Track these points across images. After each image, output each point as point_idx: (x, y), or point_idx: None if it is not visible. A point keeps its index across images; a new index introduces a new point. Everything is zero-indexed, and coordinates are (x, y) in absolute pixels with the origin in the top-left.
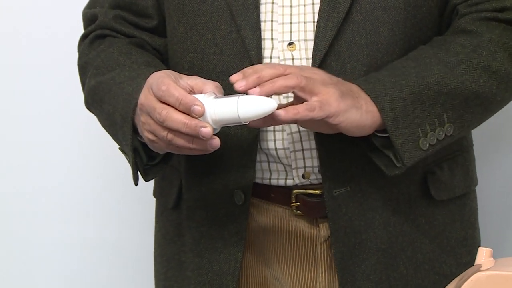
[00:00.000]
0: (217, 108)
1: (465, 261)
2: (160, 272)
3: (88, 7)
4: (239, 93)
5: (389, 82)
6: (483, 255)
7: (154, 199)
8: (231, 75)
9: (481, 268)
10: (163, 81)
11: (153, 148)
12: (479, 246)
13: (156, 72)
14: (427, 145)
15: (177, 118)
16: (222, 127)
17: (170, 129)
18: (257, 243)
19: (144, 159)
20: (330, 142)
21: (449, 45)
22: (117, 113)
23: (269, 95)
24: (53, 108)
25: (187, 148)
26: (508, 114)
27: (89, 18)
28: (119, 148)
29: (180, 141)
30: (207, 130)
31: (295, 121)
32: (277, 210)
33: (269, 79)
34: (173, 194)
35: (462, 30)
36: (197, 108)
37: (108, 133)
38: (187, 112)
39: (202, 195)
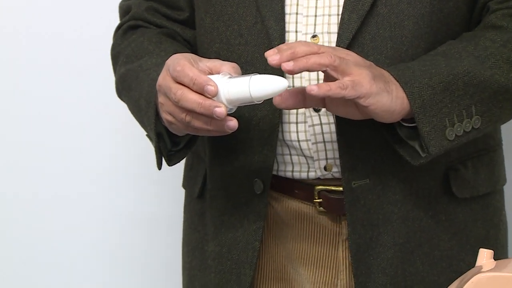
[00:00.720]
0: (230, 87)
1: None
2: (186, 261)
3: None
4: (273, 67)
5: (418, 70)
6: (483, 256)
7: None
8: (254, 65)
9: (482, 270)
10: (179, 62)
11: (172, 130)
12: (503, 246)
13: (175, 54)
14: (453, 135)
15: (191, 98)
16: (241, 108)
17: (187, 110)
18: (281, 238)
19: (168, 144)
20: (351, 133)
21: (478, 39)
22: (142, 99)
23: (301, 71)
24: (66, 109)
25: (205, 130)
26: None
27: (124, 9)
28: (146, 135)
29: (197, 123)
30: (221, 110)
31: (326, 97)
32: (301, 206)
33: (303, 56)
34: (198, 183)
35: (492, 25)
36: (210, 88)
37: (137, 120)
38: (201, 92)
39: (224, 184)
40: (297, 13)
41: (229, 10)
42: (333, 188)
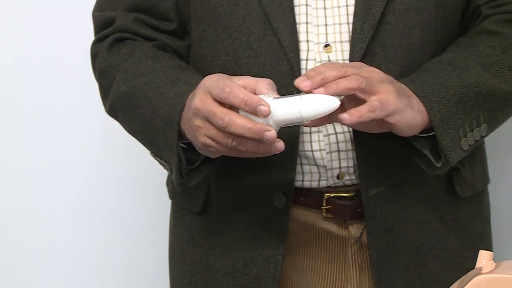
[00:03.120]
0: (278, 108)
1: None
2: (183, 276)
3: (99, 9)
4: (303, 93)
5: (435, 84)
6: (483, 258)
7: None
8: (267, 77)
9: (482, 271)
10: (225, 83)
11: (205, 153)
12: (491, 241)
13: (210, 76)
14: (467, 145)
15: (240, 123)
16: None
17: (234, 135)
18: (287, 248)
19: (184, 163)
20: (367, 142)
21: (478, 46)
22: (158, 118)
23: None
24: (58, 107)
25: (251, 153)
26: None
27: (103, 21)
28: (150, 153)
29: (245, 147)
30: (271, 133)
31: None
32: (306, 213)
33: (332, 81)
34: (200, 198)
35: (487, 31)
36: (263, 108)
37: (139, 138)
38: (253, 112)
39: (236, 198)
40: (307, 23)
41: (235, 22)
42: (343, 194)
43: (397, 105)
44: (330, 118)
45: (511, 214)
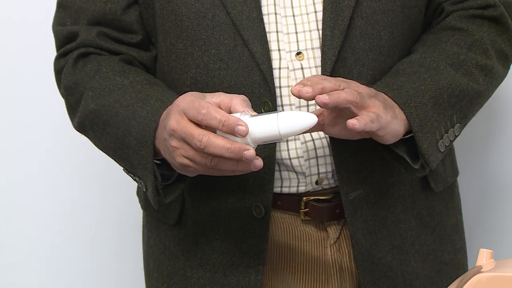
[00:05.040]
0: (256, 126)
1: (459, 247)
2: (159, 287)
3: (59, 23)
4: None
5: (411, 89)
6: (483, 256)
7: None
8: (239, 89)
9: (482, 270)
10: (201, 104)
11: (183, 172)
12: (464, 231)
13: (183, 96)
14: (444, 146)
15: (219, 144)
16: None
17: (213, 155)
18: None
19: (159, 180)
20: (344, 147)
21: (445, 45)
22: (131, 137)
23: (332, 106)
24: (38, 112)
25: (230, 171)
26: None
27: (65, 35)
28: (124, 169)
29: (224, 166)
30: (250, 152)
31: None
32: (284, 216)
33: (330, 92)
34: (175, 209)
35: (452, 27)
36: (241, 128)
37: (110, 155)
38: (231, 132)
39: (212, 210)
40: (277, 31)
41: (203, 34)
42: (321, 197)
43: (386, 118)
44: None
45: (478, 204)
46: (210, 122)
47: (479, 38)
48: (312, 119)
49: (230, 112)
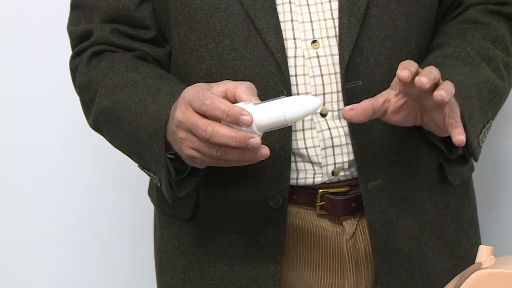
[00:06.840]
0: (260, 113)
1: (474, 242)
2: (174, 285)
3: (74, 23)
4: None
5: (459, 81)
6: (483, 253)
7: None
8: (253, 79)
9: (482, 266)
10: (205, 95)
11: (192, 164)
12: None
13: (189, 87)
14: (482, 141)
15: (224, 133)
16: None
17: (218, 145)
18: None
19: (173, 174)
20: (364, 137)
21: (472, 38)
22: (143, 132)
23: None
24: (46, 110)
25: (237, 161)
26: None
27: (79, 35)
28: (138, 166)
29: (230, 156)
30: (256, 140)
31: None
32: (299, 211)
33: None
34: (189, 204)
35: (474, 20)
36: (245, 118)
37: (125, 152)
38: (235, 122)
39: (228, 202)
40: (292, 20)
41: (217, 25)
42: (337, 190)
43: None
44: (374, 113)
45: (492, 200)
46: (214, 113)
47: (501, 34)
48: (317, 102)
49: (236, 100)
